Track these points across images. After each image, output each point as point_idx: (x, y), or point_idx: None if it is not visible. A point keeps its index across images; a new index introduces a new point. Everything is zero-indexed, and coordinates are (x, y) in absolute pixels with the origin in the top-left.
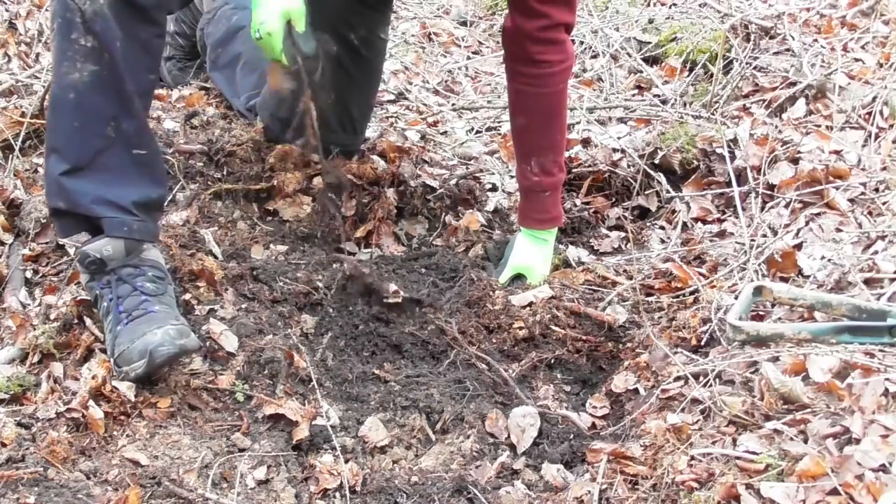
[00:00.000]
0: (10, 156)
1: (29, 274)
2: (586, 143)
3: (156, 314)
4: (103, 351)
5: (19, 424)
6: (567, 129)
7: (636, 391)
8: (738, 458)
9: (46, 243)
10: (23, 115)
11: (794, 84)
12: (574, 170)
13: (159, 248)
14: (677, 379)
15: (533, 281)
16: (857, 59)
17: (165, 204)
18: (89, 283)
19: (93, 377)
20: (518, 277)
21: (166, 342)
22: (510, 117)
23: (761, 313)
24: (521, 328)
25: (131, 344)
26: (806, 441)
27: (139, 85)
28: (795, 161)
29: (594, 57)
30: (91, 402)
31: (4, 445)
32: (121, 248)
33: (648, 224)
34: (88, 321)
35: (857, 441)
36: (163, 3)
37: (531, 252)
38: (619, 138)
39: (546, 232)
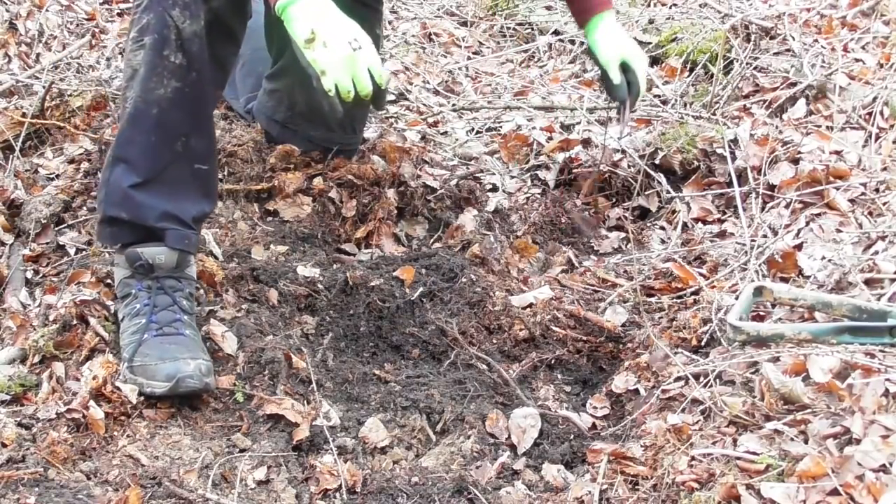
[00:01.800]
0: (11, 156)
1: (29, 274)
2: (586, 143)
3: (186, 340)
4: (105, 352)
5: (20, 425)
6: None
7: (637, 391)
8: (738, 458)
9: (47, 243)
10: (23, 115)
11: (794, 84)
12: (574, 170)
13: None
14: (678, 379)
15: (643, 62)
16: (857, 60)
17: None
18: (127, 279)
19: (93, 377)
20: (626, 70)
21: (196, 376)
22: None
23: (762, 314)
24: (521, 329)
25: (160, 363)
26: (806, 441)
27: (215, 101)
28: (796, 161)
29: None
30: (92, 403)
31: (5, 446)
32: (174, 259)
33: (649, 224)
34: (93, 321)
35: (858, 441)
36: (245, 22)
37: (618, 37)
38: (619, 139)
39: (611, 13)
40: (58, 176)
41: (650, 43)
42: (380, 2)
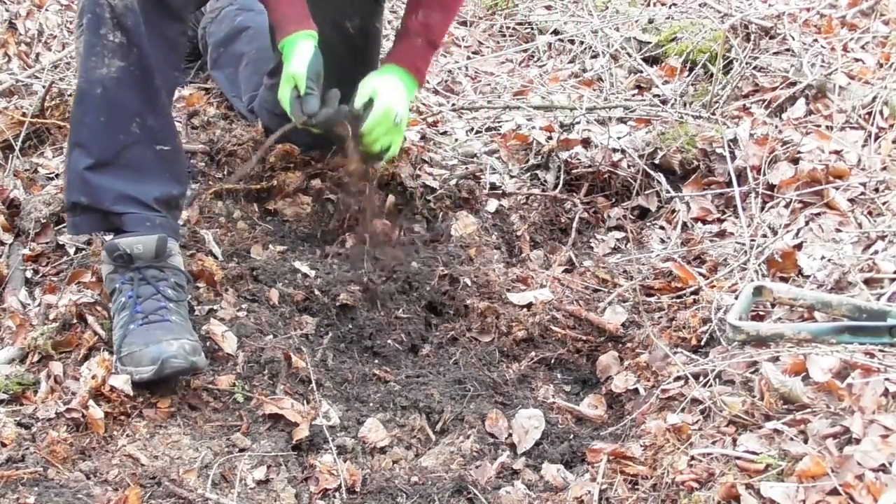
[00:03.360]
0: (11, 156)
1: (29, 274)
2: (586, 143)
3: (171, 324)
4: (105, 350)
5: (19, 424)
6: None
7: (636, 391)
8: (738, 458)
9: (46, 243)
10: (23, 115)
11: (794, 84)
12: (573, 170)
13: (182, 256)
14: (677, 379)
15: (378, 105)
16: (857, 59)
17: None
18: (111, 274)
19: (93, 377)
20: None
21: (180, 355)
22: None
23: (761, 313)
24: (520, 329)
25: (144, 347)
26: (806, 441)
27: (165, 81)
28: (795, 161)
29: (594, 57)
30: (91, 402)
31: (4, 445)
32: (151, 248)
33: (648, 224)
34: (91, 319)
35: (858, 441)
36: (189, 1)
37: (386, 85)
38: (619, 138)
39: (411, 78)
40: (57, 175)
41: (650, 42)
42: None
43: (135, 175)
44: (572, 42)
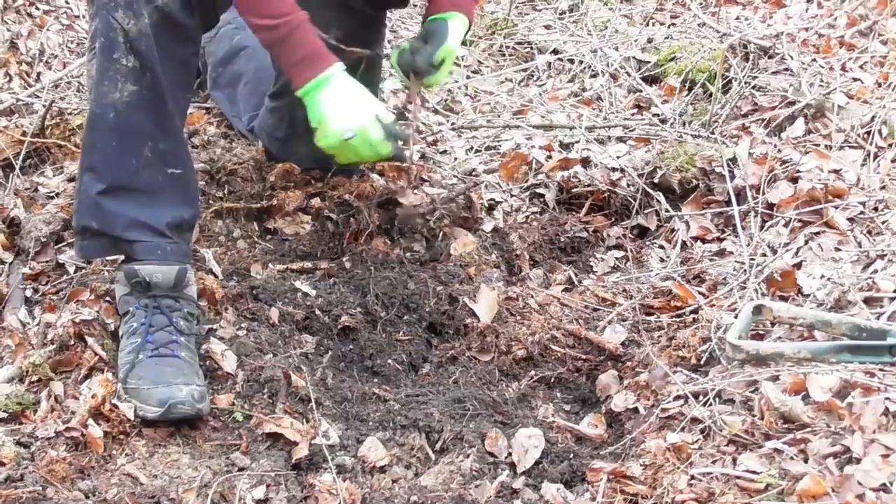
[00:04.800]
0: (11, 174)
1: (29, 293)
2: (585, 162)
3: (181, 362)
4: (104, 370)
5: (18, 443)
6: None
7: (636, 410)
8: (738, 477)
9: (47, 262)
10: (23, 134)
11: (792, 103)
12: (573, 189)
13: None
14: (677, 398)
15: (445, 67)
16: (855, 79)
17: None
18: (126, 296)
19: (92, 396)
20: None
21: (188, 402)
22: None
23: (761, 332)
24: (520, 348)
25: (153, 387)
26: (806, 460)
27: (178, 104)
28: (795, 180)
29: (593, 76)
30: (91, 422)
31: (3, 465)
32: (170, 279)
33: (648, 243)
34: (90, 340)
35: (858, 461)
36: (201, 23)
37: (456, 38)
38: (618, 157)
39: (467, 19)
40: (58, 194)
41: (649, 62)
42: (382, 22)
43: (147, 200)
44: (571, 61)
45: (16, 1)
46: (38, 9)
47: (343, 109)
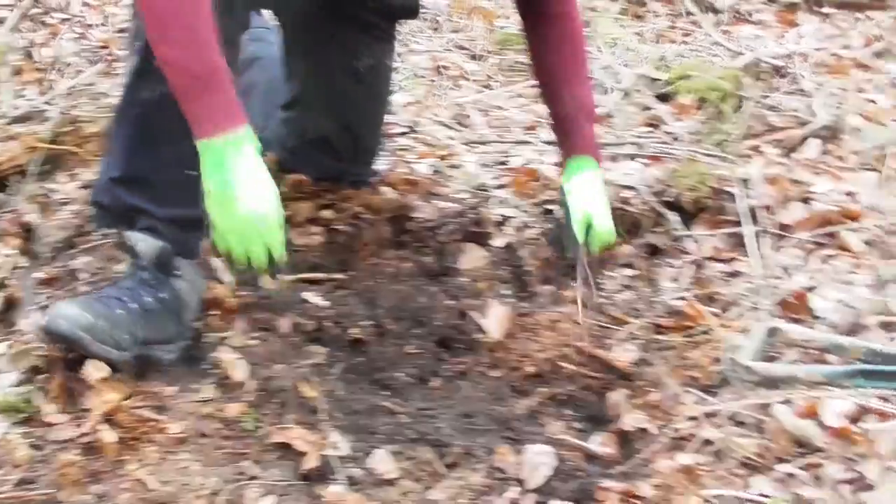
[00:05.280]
0: (26, 181)
1: (42, 298)
2: None
3: (108, 308)
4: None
5: (32, 446)
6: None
7: (647, 430)
8: (750, 500)
9: (61, 267)
10: (38, 140)
11: (806, 124)
12: None
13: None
14: (688, 419)
15: (604, 225)
16: (870, 101)
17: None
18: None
19: (105, 401)
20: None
21: (70, 319)
22: (536, 77)
23: (774, 355)
24: (530, 364)
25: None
26: (820, 486)
27: None
28: (808, 201)
29: (604, 94)
30: (103, 426)
31: (17, 467)
32: (152, 252)
33: (659, 262)
34: None
35: (873, 488)
36: (243, 27)
37: (588, 195)
38: (629, 175)
39: (596, 166)
40: (71, 201)
41: (661, 80)
42: (392, 35)
43: (158, 195)
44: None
45: (31, 10)
46: (52, 17)
47: (256, 189)
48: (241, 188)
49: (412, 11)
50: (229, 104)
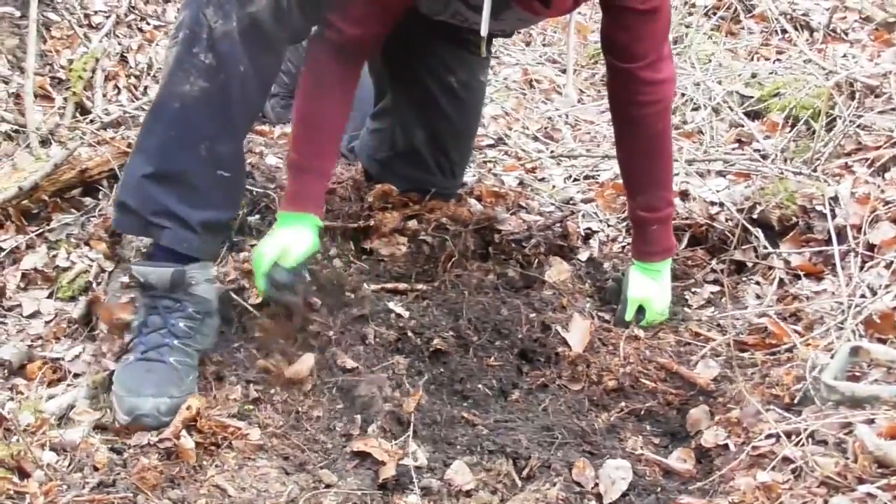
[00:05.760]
0: (115, 185)
1: (125, 299)
2: (685, 195)
3: (165, 368)
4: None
5: (112, 450)
6: (671, 166)
7: (726, 447)
8: None
9: None
10: (129, 145)
11: None
12: (672, 221)
13: (215, 283)
14: (769, 436)
15: (650, 314)
16: None
17: (235, 225)
18: (139, 299)
19: (188, 408)
20: (639, 311)
21: (151, 416)
22: (617, 155)
23: (857, 374)
24: (611, 379)
25: (127, 395)
26: None
27: (246, 111)
28: None
29: (695, 109)
30: (184, 433)
31: (97, 469)
32: (166, 280)
33: (744, 279)
34: None
35: None
36: (291, 35)
37: (646, 284)
38: (717, 191)
39: (658, 264)
40: None
41: (752, 97)
42: (489, 52)
43: (188, 195)
44: (674, 94)
45: (127, 16)
46: (148, 24)
47: (272, 240)
48: (264, 244)
49: (508, 34)
50: (314, 197)
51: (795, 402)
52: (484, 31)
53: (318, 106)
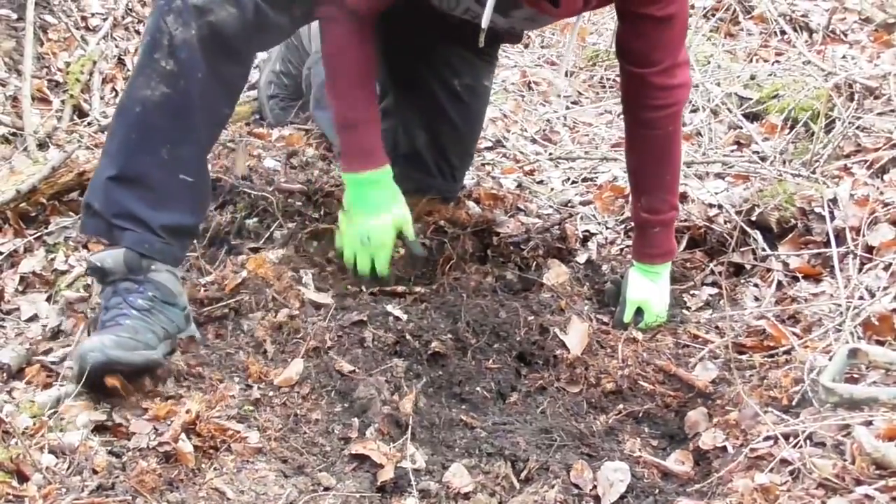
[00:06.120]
0: None
1: None
2: (683, 197)
3: (121, 326)
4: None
5: (111, 453)
6: (678, 170)
7: (724, 449)
8: None
9: None
10: None
11: None
12: None
13: (181, 280)
14: (767, 438)
15: (648, 317)
16: None
17: (200, 231)
18: (99, 294)
19: (187, 411)
20: (638, 313)
21: (97, 349)
22: (625, 155)
23: (855, 376)
24: (609, 381)
25: (79, 351)
26: None
27: (212, 117)
28: None
29: (694, 111)
30: (183, 436)
31: (96, 473)
32: (120, 261)
33: (743, 281)
34: (184, 356)
35: None
36: (252, 46)
37: (645, 286)
38: (716, 193)
39: (658, 266)
40: None
41: (751, 99)
42: (494, 56)
43: (150, 198)
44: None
45: (124, 18)
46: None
47: (374, 216)
48: (359, 214)
49: (517, 36)
50: (369, 149)
51: (794, 404)
52: (485, 23)
53: (342, 60)
